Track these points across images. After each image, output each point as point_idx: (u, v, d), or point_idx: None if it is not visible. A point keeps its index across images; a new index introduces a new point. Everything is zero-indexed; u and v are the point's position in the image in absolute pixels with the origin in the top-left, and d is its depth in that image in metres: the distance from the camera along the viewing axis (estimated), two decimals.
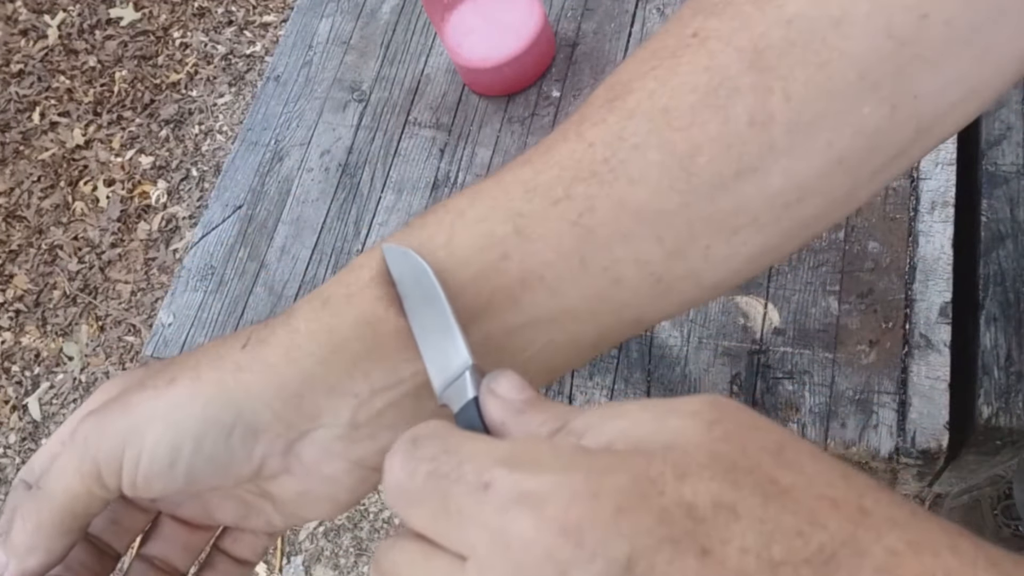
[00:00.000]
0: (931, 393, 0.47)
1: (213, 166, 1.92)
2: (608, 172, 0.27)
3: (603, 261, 0.27)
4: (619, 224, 0.27)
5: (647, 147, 0.27)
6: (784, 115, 0.26)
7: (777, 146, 0.26)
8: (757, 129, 0.26)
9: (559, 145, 0.28)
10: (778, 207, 0.28)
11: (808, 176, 0.27)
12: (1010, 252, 0.50)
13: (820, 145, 0.27)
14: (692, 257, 0.28)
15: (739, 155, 0.26)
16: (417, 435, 0.23)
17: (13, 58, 2.16)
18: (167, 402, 0.28)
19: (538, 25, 0.61)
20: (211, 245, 0.64)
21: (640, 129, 0.27)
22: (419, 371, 0.28)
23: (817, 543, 0.18)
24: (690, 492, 0.19)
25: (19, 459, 1.71)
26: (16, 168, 2.01)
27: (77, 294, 1.83)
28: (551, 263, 0.27)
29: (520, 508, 0.19)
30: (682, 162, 0.27)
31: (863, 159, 0.28)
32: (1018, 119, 0.54)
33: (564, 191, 0.27)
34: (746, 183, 0.27)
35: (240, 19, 2.10)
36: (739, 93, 0.26)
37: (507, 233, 0.27)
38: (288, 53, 0.71)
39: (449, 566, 0.21)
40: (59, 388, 1.75)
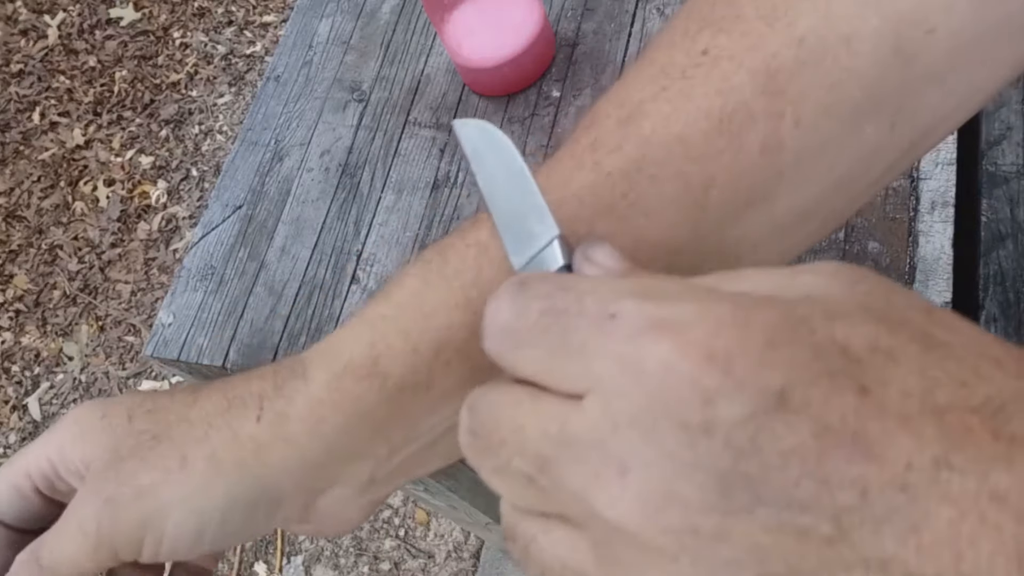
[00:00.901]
0: None
1: (213, 166, 1.92)
2: (627, 207, 0.26)
3: None
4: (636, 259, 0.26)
5: (663, 180, 0.26)
6: (793, 141, 0.26)
7: (785, 174, 0.26)
8: (768, 157, 0.26)
9: (576, 174, 0.27)
10: (779, 231, 0.27)
11: (808, 200, 0.27)
12: (1010, 252, 0.50)
13: (823, 169, 0.27)
14: None
15: (750, 185, 0.26)
16: (524, 278, 0.21)
17: (13, 58, 2.16)
18: (187, 488, 0.27)
19: (538, 25, 0.61)
20: (211, 245, 0.64)
21: (657, 159, 0.26)
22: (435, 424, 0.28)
23: (984, 394, 0.16)
24: (842, 334, 0.17)
25: None
26: (16, 168, 2.01)
27: (77, 294, 1.83)
28: None
29: (658, 333, 0.17)
30: (696, 196, 0.26)
31: (859, 177, 0.27)
32: (1018, 119, 0.54)
33: (585, 228, 0.26)
34: (754, 212, 0.27)
35: (240, 19, 2.10)
36: (752, 119, 0.26)
37: None
38: (288, 53, 0.71)
39: (563, 405, 0.19)
40: (59, 388, 1.75)
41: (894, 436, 0.16)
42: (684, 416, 0.17)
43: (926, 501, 0.15)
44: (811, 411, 0.16)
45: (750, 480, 0.16)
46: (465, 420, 0.21)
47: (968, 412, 0.16)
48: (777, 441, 0.16)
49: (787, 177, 0.26)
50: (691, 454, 0.17)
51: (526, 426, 0.19)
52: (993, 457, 0.16)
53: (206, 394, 0.29)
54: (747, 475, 0.16)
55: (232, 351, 0.59)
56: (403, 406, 0.27)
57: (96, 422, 0.29)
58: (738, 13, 0.27)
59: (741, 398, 0.16)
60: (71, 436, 0.29)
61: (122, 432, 0.29)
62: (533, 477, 0.19)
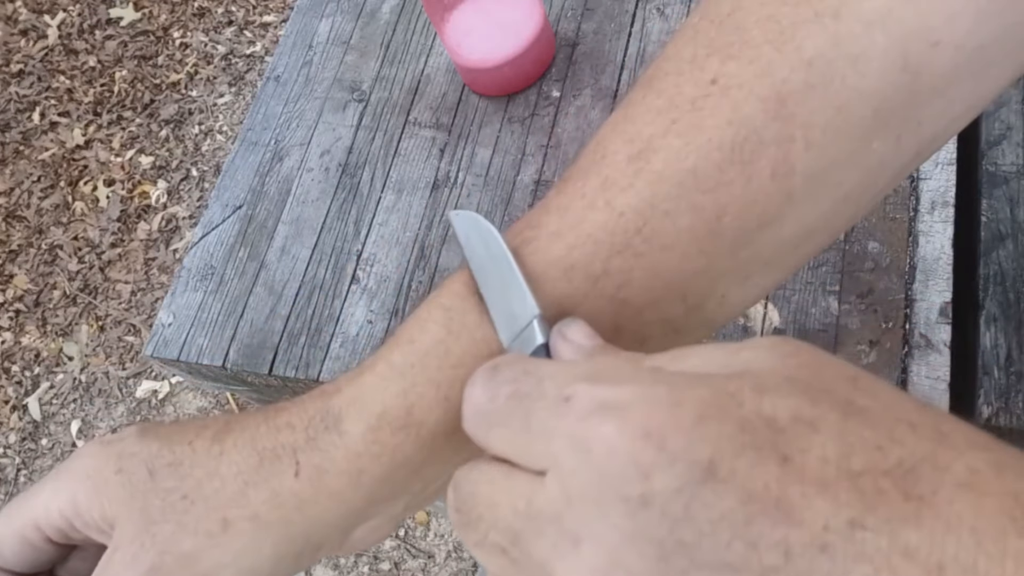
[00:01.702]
0: (931, 393, 0.47)
1: (213, 166, 1.92)
2: (642, 243, 0.26)
3: (634, 326, 0.28)
4: (651, 292, 0.27)
5: (677, 213, 0.26)
6: (803, 164, 0.26)
7: (794, 195, 0.26)
8: (779, 182, 0.26)
9: (589, 215, 0.27)
10: (788, 249, 0.28)
11: (817, 217, 0.27)
12: (1010, 252, 0.50)
13: (831, 187, 0.27)
14: (709, 307, 0.28)
15: (762, 210, 0.26)
16: (496, 363, 0.23)
17: (13, 58, 2.16)
18: (233, 551, 0.27)
19: (538, 25, 0.61)
20: (211, 245, 0.64)
21: (670, 194, 0.26)
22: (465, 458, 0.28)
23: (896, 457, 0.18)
24: (769, 406, 0.19)
25: (19, 459, 1.71)
26: (16, 168, 2.01)
27: (77, 294, 1.83)
28: None
29: (602, 415, 0.19)
30: (709, 224, 0.26)
31: (866, 190, 0.28)
32: (1018, 119, 0.54)
33: (602, 267, 0.27)
34: (765, 234, 0.27)
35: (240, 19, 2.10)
36: (763, 146, 0.26)
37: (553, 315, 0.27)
38: (288, 53, 0.71)
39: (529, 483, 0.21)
40: (59, 388, 1.75)
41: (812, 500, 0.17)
42: (625, 490, 0.18)
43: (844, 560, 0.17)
44: (737, 480, 0.18)
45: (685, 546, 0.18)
46: (450, 497, 0.23)
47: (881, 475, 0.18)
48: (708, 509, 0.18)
49: (796, 198, 0.26)
50: (632, 525, 0.18)
51: (499, 503, 0.21)
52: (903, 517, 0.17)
53: (232, 444, 0.29)
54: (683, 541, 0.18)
55: (232, 351, 0.59)
56: (437, 450, 0.28)
57: (111, 476, 0.28)
58: (745, 38, 0.26)
59: (674, 471, 0.18)
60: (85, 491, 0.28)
61: (145, 490, 0.28)
62: (506, 549, 0.21)
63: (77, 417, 1.72)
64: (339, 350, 0.57)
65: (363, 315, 0.58)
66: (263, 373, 0.57)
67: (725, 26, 0.27)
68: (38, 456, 1.71)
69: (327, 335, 0.58)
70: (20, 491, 1.69)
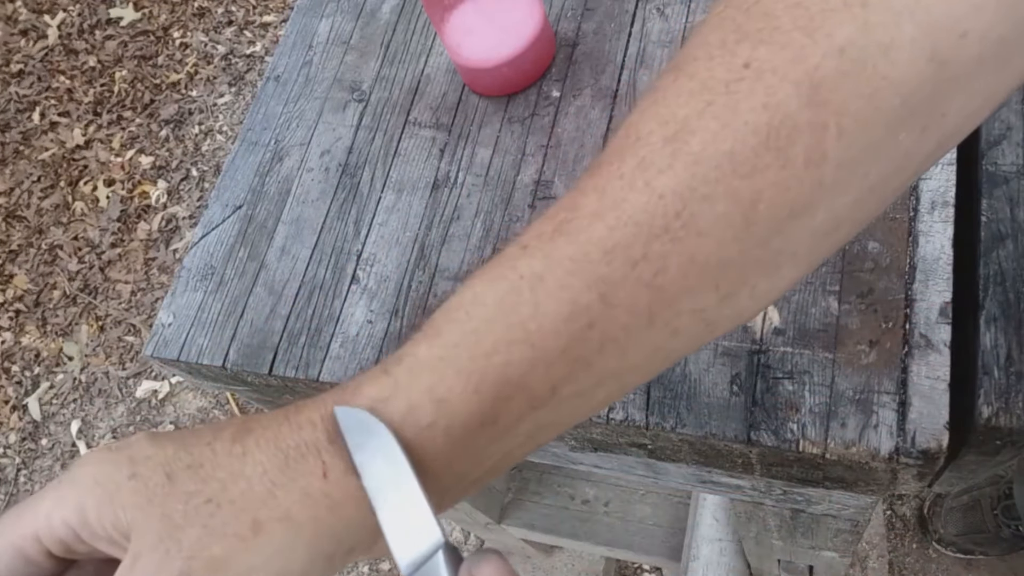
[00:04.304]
0: (931, 393, 0.47)
1: (213, 166, 1.92)
2: (680, 228, 0.26)
3: (667, 317, 0.27)
4: (686, 280, 0.27)
5: (716, 198, 0.26)
6: (835, 152, 0.26)
7: (825, 183, 0.26)
8: (811, 169, 0.26)
9: (629, 196, 0.27)
10: (817, 239, 0.28)
11: (845, 208, 0.27)
12: (1010, 252, 0.50)
13: (859, 177, 0.27)
14: (740, 298, 0.28)
15: (795, 198, 0.26)
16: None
17: (13, 58, 2.16)
18: (266, 554, 0.27)
19: (538, 25, 0.61)
20: (211, 245, 0.64)
21: (708, 178, 0.26)
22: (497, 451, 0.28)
23: None
24: None
25: (19, 459, 1.71)
26: (16, 168, 2.01)
27: (77, 294, 1.83)
28: (625, 326, 0.27)
29: None
30: (744, 211, 0.26)
31: (891, 182, 0.28)
32: (1018, 119, 0.54)
33: (641, 251, 0.26)
34: (797, 223, 0.27)
35: (240, 19, 2.10)
36: (797, 132, 0.26)
37: (592, 301, 0.27)
38: (288, 53, 0.71)
39: None
40: (59, 388, 1.75)
41: None
42: None
43: None
44: None
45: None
46: None
47: None
48: None
49: (827, 187, 0.26)
50: None
51: None
52: None
53: (254, 444, 0.28)
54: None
55: (232, 351, 0.59)
56: (468, 444, 0.28)
57: (125, 482, 0.27)
58: (775, 24, 0.26)
59: None
60: (95, 499, 0.27)
61: (164, 494, 0.27)
62: None
63: (77, 417, 1.72)
64: (339, 350, 0.57)
65: (363, 315, 0.58)
66: (263, 373, 0.57)
67: (753, 13, 0.27)
68: (38, 456, 1.71)
69: (327, 335, 0.58)
70: (20, 491, 1.68)
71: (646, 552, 1.10)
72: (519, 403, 0.27)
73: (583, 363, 0.27)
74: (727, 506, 1.01)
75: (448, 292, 0.57)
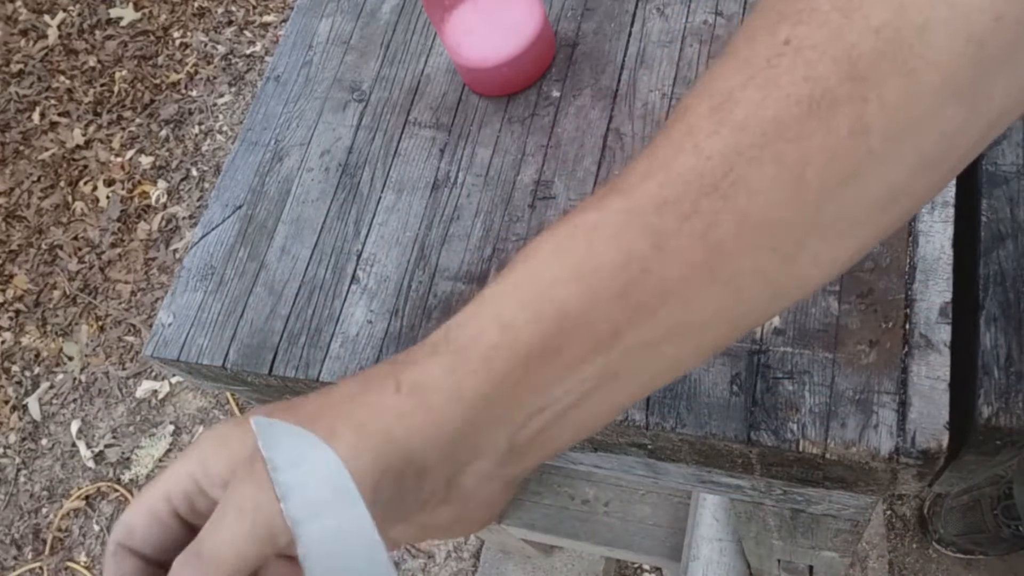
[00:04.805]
0: (931, 393, 0.47)
1: (213, 166, 1.92)
2: (729, 186, 0.27)
3: (727, 273, 0.28)
4: (742, 237, 0.28)
5: (763, 161, 0.27)
6: (879, 123, 0.27)
7: (874, 154, 0.27)
8: (857, 139, 0.27)
9: (678, 157, 0.28)
10: (874, 211, 0.29)
11: (899, 180, 0.28)
12: (1010, 252, 0.50)
13: (910, 149, 0.28)
14: (803, 263, 0.29)
15: (842, 165, 0.27)
16: None
17: (13, 58, 2.16)
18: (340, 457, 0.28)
19: (538, 25, 0.61)
20: (211, 245, 0.64)
21: (755, 143, 0.27)
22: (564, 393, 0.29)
23: None
24: None
25: (19, 459, 1.71)
26: (16, 168, 2.01)
27: (77, 294, 1.83)
28: (684, 278, 0.28)
29: None
30: (793, 174, 0.27)
31: (943, 159, 0.29)
32: (1018, 119, 0.54)
33: (692, 207, 0.27)
34: (849, 191, 0.28)
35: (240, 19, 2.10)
36: (839, 103, 0.27)
37: (646, 249, 0.28)
38: (288, 53, 0.71)
39: None
40: (59, 388, 1.75)
41: None
42: None
43: None
44: None
45: None
46: None
47: None
48: None
49: (877, 157, 0.27)
50: None
51: None
52: None
53: (340, 383, 0.30)
54: None
55: (232, 351, 0.59)
56: (534, 371, 0.28)
57: (233, 430, 0.30)
58: (813, 6, 0.28)
59: None
60: (212, 448, 0.30)
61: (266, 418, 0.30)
62: None
63: (77, 417, 1.72)
64: (339, 350, 0.57)
65: (363, 315, 0.58)
66: (263, 373, 0.57)
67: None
68: (38, 456, 1.71)
69: (327, 335, 0.58)
70: (20, 491, 1.69)
71: (646, 552, 1.10)
72: (582, 340, 0.28)
73: (644, 310, 0.28)
74: (727, 506, 1.01)
75: (449, 292, 0.57)
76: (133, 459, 1.66)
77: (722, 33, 0.62)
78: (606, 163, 0.59)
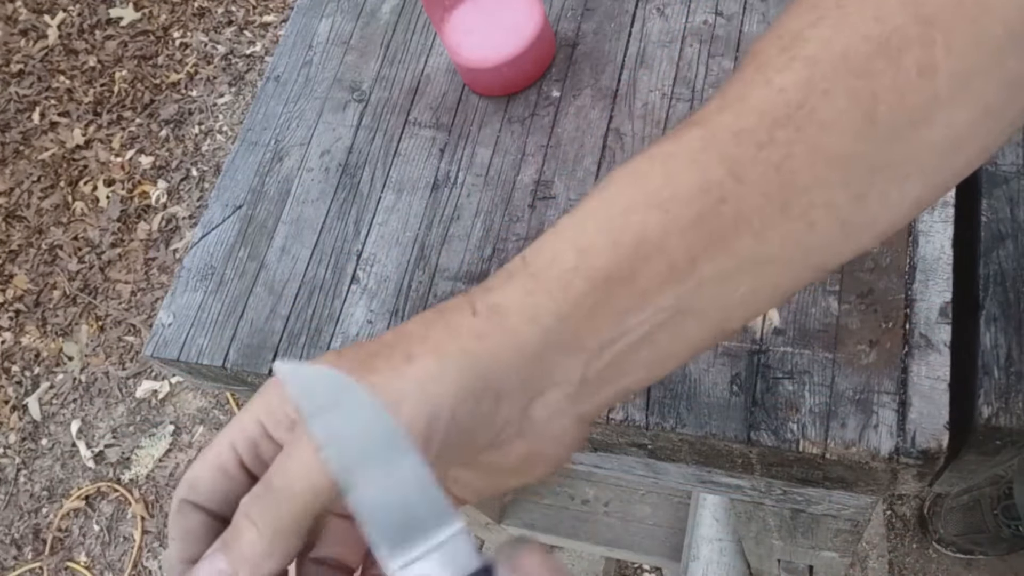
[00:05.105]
0: (931, 393, 0.47)
1: (213, 166, 1.92)
2: (803, 118, 0.28)
3: (801, 206, 0.28)
4: (814, 169, 0.28)
5: (835, 94, 0.28)
6: (946, 66, 0.27)
7: (940, 96, 0.28)
8: (924, 79, 0.27)
9: (751, 91, 0.28)
10: (939, 155, 0.29)
11: (963, 125, 0.29)
12: (1010, 252, 0.50)
13: (974, 96, 0.28)
14: (872, 202, 0.29)
15: (912, 105, 0.28)
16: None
17: (13, 58, 2.16)
18: (416, 377, 0.27)
19: (538, 25, 0.61)
20: (211, 245, 0.64)
21: (826, 75, 0.28)
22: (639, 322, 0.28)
23: None
24: None
25: (19, 459, 1.71)
26: (16, 168, 2.01)
27: (77, 294, 1.83)
28: (759, 208, 0.28)
29: None
30: (865, 109, 0.28)
31: (1005, 108, 0.29)
32: None
33: (767, 136, 0.28)
34: (916, 132, 0.28)
35: (240, 19, 2.10)
36: (908, 43, 0.27)
37: (722, 176, 0.28)
38: (288, 53, 0.71)
39: None
40: (59, 388, 1.75)
41: None
42: None
43: None
44: None
45: None
46: None
47: None
48: None
49: (942, 99, 0.28)
50: None
51: None
52: None
53: (417, 316, 0.30)
54: None
55: (232, 351, 0.59)
56: (610, 296, 0.28)
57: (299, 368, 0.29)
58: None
59: None
60: (277, 392, 0.29)
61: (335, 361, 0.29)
62: None
63: (77, 417, 1.72)
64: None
65: (363, 315, 0.58)
66: (263, 373, 0.57)
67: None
68: (38, 456, 1.71)
69: (327, 335, 0.58)
70: (20, 491, 1.69)
71: (646, 552, 1.10)
72: (658, 266, 0.28)
73: (719, 240, 0.28)
74: (727, 506, 1.01)
75: (449, 292, 0.57)
76: (133, 459, 1.66)
77: (722, 33, 0.62)
78: (606, 163, 0.59)
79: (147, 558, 1.57)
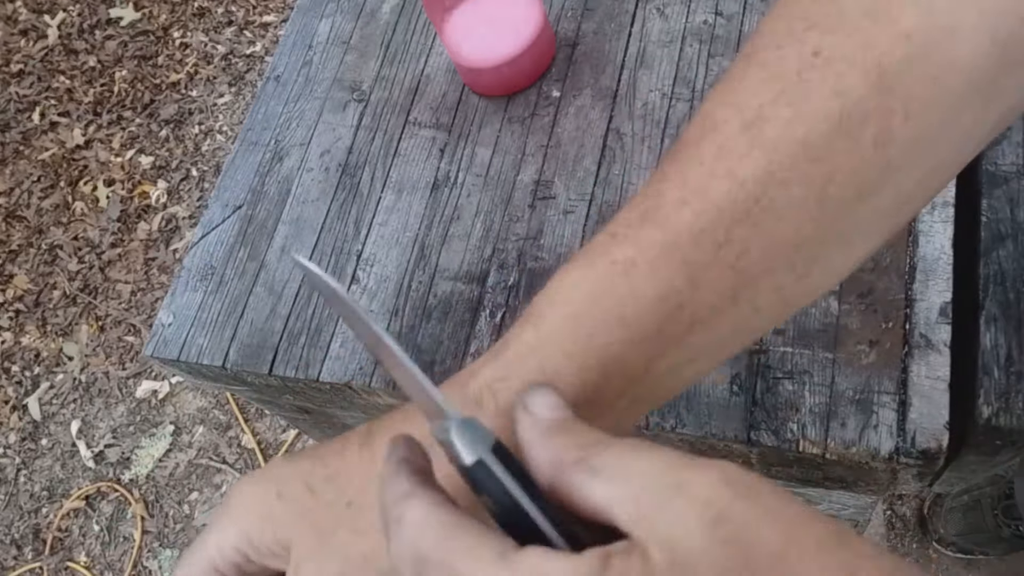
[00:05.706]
0: (931, 393, 0.47)
1: (213, 166, 1.92)
2: (760, 212, 0.28)
3: (749, 295, 0.28)
4: (766, 261, 0.28)
5: (791, 182, 0.27)
6: (903, 134, 0.27)
7: (893, 164, 0.27)
8: (880, 151, 0.27)
9: (713, 183, 0.28)
10: (885, 218, 0.29)
11: (911, 187, 0.29)
12: (1010, 252, 0.50)
13: (926, 157, 0.28)
14: (815, 275, 0.29)
15: (863, 180, 0.27)
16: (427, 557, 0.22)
17: (13, 58, 2.16)
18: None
19: (538, 25, 0.61)
20: (211, 245, 0.64)
21: (784, 163, 0.27)
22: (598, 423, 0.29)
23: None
24: None
25: (19, 459, 1.71)
26: (16, 168, 2.01)
27: (77, 294, 1.83)
28: (713, 306, 0.28)
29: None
30: (817, 194, 0.27)
31: (954, 159, 0.29)
32: (1018, 119, 0.54)
33: (725, 235, 0.28)
34: (865, 203, 0.28)
35: (240, 19, 2.10)
36: (866, 117, 0.27)
37: (682, 285, 0.28)
38: (288, 53, 0.71)
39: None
40: (59, 388, 1.75)
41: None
42: None
43: None
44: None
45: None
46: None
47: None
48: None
49: (894, 167, 0.27)
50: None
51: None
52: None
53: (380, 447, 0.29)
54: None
55: (232, 351, 0.59)
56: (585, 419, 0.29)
57: (275, 503, 0.30)
58: (840, 9, 0.27)
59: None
60: (256, 521, 0.30)
61: (310, 507, 0.29)
62: None
63: (77, 417, 1.73)
64: (339, 350, 0.57)
65: None
66: (263, 373, 0.57)
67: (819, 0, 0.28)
68: (38, 456, 1.71)
69: (327, 335, 0.58)
70: (20, 491, 1.69)
71: None
72: (618, 380, 0.29)
73: (674, 341, 0.29)
74: None
75: (449, 292, 0.57)
76: (133, 459, 1.66)
77: (722, 33, 0.62)
78: (606, 163, 0.59)
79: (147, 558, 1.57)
